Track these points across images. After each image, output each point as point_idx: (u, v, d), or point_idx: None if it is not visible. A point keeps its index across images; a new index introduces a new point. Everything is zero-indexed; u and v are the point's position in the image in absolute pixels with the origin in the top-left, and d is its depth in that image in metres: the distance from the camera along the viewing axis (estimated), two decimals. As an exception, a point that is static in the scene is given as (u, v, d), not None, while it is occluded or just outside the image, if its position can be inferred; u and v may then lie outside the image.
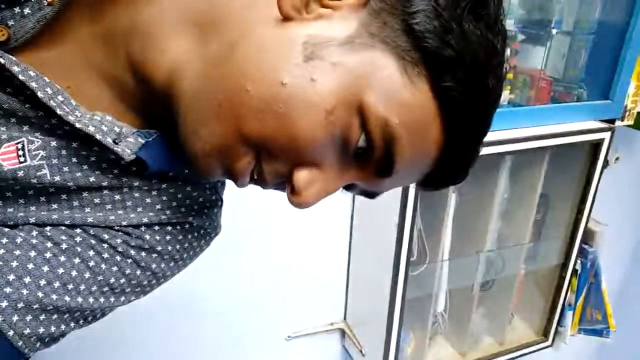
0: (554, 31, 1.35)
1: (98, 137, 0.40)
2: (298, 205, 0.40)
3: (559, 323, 1.70)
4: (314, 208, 0.42)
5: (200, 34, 0.41)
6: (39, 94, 0.38)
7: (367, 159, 0.39)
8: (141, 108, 0.45)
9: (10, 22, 0.39)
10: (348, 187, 0.44)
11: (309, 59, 0.37)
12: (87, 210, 0.44)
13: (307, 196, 0.39)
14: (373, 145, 0.38)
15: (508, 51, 1.27)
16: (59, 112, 0.39)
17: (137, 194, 0.46)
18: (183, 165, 0.47)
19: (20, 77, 0.38)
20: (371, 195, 0.45)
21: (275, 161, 0.39)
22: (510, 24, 1.26)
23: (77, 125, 0.40)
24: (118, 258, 0.45)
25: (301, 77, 0.36)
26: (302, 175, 0.39)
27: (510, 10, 1.25)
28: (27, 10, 0.39)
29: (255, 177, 0.41)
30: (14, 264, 0.40)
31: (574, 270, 1.65)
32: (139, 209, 0.46)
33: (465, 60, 0.37)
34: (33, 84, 0.38)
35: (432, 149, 0.40)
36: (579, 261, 1.65)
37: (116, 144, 0.41)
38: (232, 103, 0.37)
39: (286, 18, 0.38)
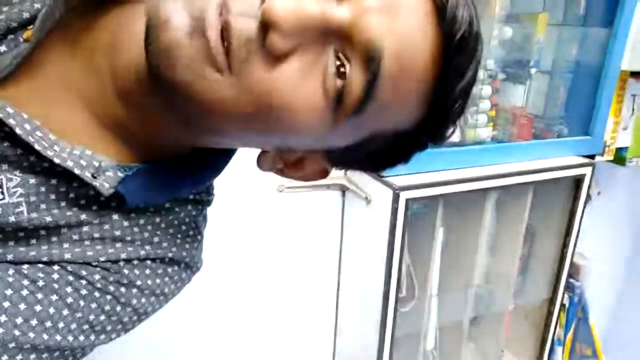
0: (533, 70, 1.40)
1: (76, 171, 0.40)
2: (271, 11, 0.34)
3: (549, 359, 1.69)
4: (303, 248, 0.41)
5: None
6: (17, 130, 0.38)
7: None
8: (127, 134, 0.44)
9: None
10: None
11: None
12: (65, 246, 0.43)
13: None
14: None
15: (490, 89, 1.31)
16: (37, 147, 0.38)
17: (116, 232, 0.45)
18: (165, 197, 0.47)
19: None
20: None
21: None
22: (490, 64, 1.30)
23: (56, 160, 0.39)
24: (97, 294, 0.44)
25: None
26: None
27: (490, 51, 1.30)
28: (3, 48, 0.39)
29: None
30: None
31: (562, 305, 1.65)
32: (118, 245, 0.45)
33: None
34: (11, 121, 0.38)
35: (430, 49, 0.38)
36: (566, 296, 1.66)
37: (95, 178, 0.40)
38: None
39: None
